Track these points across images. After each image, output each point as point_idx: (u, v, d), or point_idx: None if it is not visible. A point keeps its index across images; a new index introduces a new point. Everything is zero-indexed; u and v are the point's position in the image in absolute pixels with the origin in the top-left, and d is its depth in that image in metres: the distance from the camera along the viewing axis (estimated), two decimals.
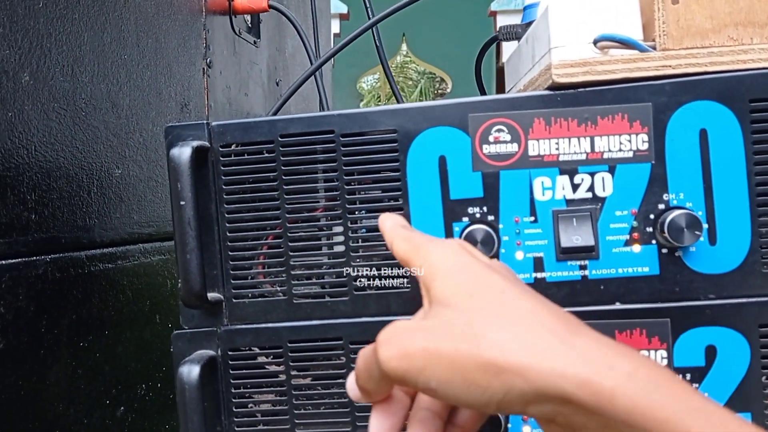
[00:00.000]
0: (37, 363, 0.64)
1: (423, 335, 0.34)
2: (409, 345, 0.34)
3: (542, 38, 0.55)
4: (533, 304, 0.34)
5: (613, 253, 0.50)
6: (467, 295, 0.35)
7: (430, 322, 0.35)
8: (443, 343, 0.33)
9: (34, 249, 0.65)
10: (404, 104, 0.53)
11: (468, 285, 0.35)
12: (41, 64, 0.66)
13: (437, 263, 0.37)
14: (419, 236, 0.41)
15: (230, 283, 0.54)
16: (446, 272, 0.36)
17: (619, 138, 0.50)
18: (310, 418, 0.54)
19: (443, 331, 0.34)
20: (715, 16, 0.50)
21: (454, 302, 0.35)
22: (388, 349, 0.34)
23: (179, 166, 0.50)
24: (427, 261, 0.38)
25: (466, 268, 0.36)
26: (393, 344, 0.34)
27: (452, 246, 0.38)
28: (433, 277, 0.37)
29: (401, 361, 0.34)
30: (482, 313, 0.34)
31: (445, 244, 0.39)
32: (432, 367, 0.33)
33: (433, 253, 0.38)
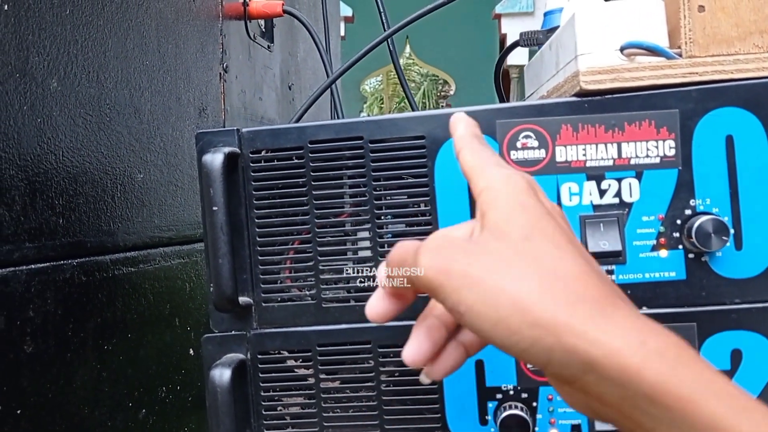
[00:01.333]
0: (64, 367, 0.65)
1: (470, 259, 0.33)
2: (453, 262, 0.33)
3: (568, 45, 0.55)
4: (583, 265, 0.34)
5: (640, 258, 0.51)
6: (523, 236, 0.34)
7: (480, 248, 0.34)
8: (488, 275, 0.33)
9: (62, 253, 0.65)
10: (432, 111, 0.54)
11: (527, 227, 0.34)
12: (68, 70, 0.67)
13: (502, 192, 0.36)
14: (490, 155, 0.40)
15: (260, 287, 0.54)
16: (508, 206, 0.35)
17: (646, 144, 0.50)
18: (338, 421, 0.54)
19: (491, 263, 0.33)
20: (741, 24, 0.51)
21: (508, 239, 0.34)
22: (432, 258, 0.34)
23: (212, 172, 0.51)
24: (492, 186, 0.37)
25: (529, 209, 0.35)
26: (438, 255, 0.34)
27: (521, 182, 0.37)
28: (494, 205, 0.36)
29: (439, 274, 0.34)
30: (533, 260, 0.33)
31: (515, 177, 0.37)
32: (467, 292, 0.33)
33: (501, 180, 0.37)
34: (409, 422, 0.54)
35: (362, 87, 9.91)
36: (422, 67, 10.47)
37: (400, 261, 0.37)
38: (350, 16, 6.10)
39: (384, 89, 13.75)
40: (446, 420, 0.53)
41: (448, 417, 0.53)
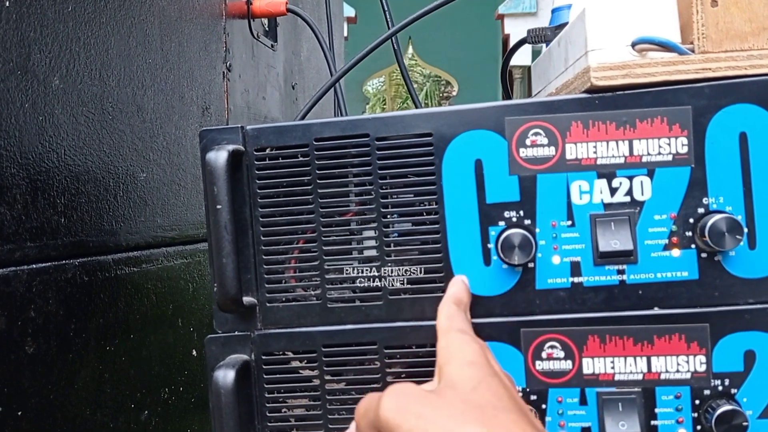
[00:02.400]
0: (66, 367, 0.64)
1: (423, 402, 0.39)
2: (410, 404, 0.39)
3: (578, 41, 0.55)
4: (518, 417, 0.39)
5: (652, 258, 0.50)
6: (471, 387, 0.40)
7: (434, 395, 0.40)
8: (437, 418, 0.38)
9: (64, 253, 0.65)
10: (440, 108, 0.53)
11: (475, 380, 0.40)
12: (70, 68, 0.66)
13: (457, 352, 0.43)
14: (459, 321, 0.47)
15: (264, 287, 0.54)
16: (461, 362, 0.42)
17: (658, 141, 0.50)
18: (343, 423, 0.53)
19: (441, 408, 0.39)
20: (754, 19, 0.50)
21: (459, 388, 0.40)
22: (392, 400, 0.40)
23: (215, 170, 0.50)
24: (450, 345, 0.44)
25: (477, 366, 0.42)
26: (397, 398, 0.40)
27: (474, 345, 0.44)
28: (449, 361, 0.42)
29: (397, 413, 0.39)
30: (477, 408, 0.39)
31: (470, 341, 0.44)
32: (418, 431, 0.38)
33: (458, 342, 0.44)
34: None
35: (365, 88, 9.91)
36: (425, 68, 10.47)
37: (366, 410, 0.42)
38: (353, 16, 6.10)
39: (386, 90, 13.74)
40: None
41: None
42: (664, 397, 0.50)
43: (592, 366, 0.50)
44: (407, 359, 0.53)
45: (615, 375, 0.50)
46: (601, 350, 0.50)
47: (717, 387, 0.49)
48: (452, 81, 9.14)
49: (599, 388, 0.50)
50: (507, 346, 0.52)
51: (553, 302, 0.51)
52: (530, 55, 4.16)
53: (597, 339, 0.50)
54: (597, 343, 0.50)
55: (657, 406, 0.50)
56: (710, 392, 0.49)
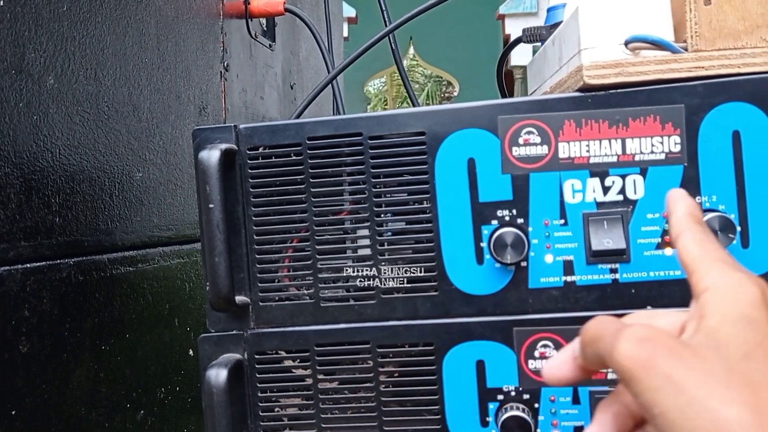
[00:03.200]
0: (61, 367, 0.64)
1: (677, 361, 0.31)
2: (658, 360, 0.31)
3: (571, 40, 0.54)
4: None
5: (645, 257, 0.50)
6: (742, 354, 0.31)
7: (691, 352, 0.31)
8: (693, 386, 0.30)
9: (58, 252, 0.65)
10: (433, 106, 0.53)
11: (749, 344, 0.31)
12: (65, 67, 0.66)
13: (728, 298, 0.33)
14: (717, 248, 0.36)
15: (257, 287, 0.54)
16: (733, 315, 0.32)
17: (651, 140, 0.49)
18: (336, 422, 0.53)
19: (699, 374, 0.31)
20: (748, 17, 0.50)
21: (725, 352, 0.31)
22: (634, 348, 0.32)
23: (208, 169, 0.50)
24: (719, 287, 0.34)
25: (756, 325, 0.32)
26: (642, 346, 0.32)
27: (754, 291, 0.33)
28: (716, 310, 0.33)
29: (640, 368, 0.31)
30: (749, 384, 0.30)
31: (747, 283, 0.34)
32: (665, 396, 0.31)
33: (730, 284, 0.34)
34: (408, 423, 0.53)
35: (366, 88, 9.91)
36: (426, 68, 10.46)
37: (595, 337, 0.34)
38: (353, 17, 6.10)
39: (388, 90, 13.74)
40: (446, 421, 0.52)
41: (448, 418, 0.52)
42: None
43: None
44: (400, 358, 0.53)
45: (608, 374, 0.50)
46: None
47: None
48: (453, 81, 9.12)
49: (592, 387, 0.50)
50: (500, 345, 0.51)
51: (546, 301, 0.51)
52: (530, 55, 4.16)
53: None
54: None
55: None
56: None
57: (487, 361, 0.52)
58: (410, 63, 10.99)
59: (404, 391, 0.53)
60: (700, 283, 0.34)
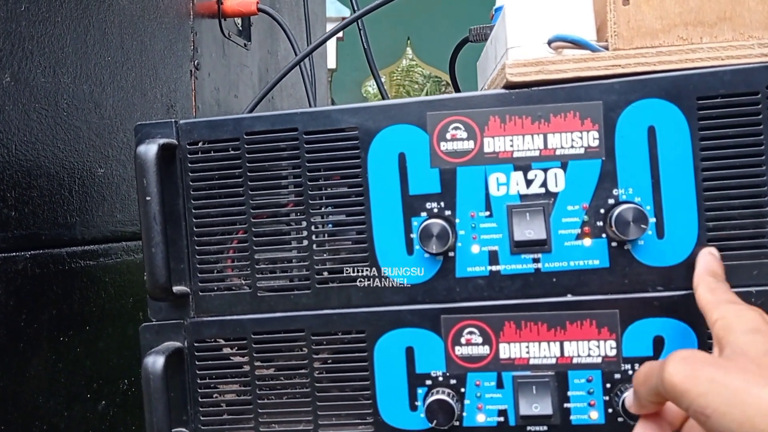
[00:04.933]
0: (17, 356, 0.66)
1: (715, 368, 0.38)
2: (700, 369, 0.38)
3: (501, 39, 0.56)
4: None
5: (565, 247, 0.52)
6: (763, 352, 0.38)
7: (724, 359, 0.39)
8: (734, 380, 0.37)
9: (14, 245, 0.66)
10: (365, 103, 0.55)
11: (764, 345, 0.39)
12: (22, 65, 0.68)
13: (735, 322, 0.41)
14: (724, 291, 0.46)
15: (197, 277, 0.56)
16: (743, 331, 0.40)
17: (571, 135, 0.51)
18: (273, 407, 0.55)
19: (736, 370, 0.37)
20: (665, 17, 0.52)
21: (749, 355, 0.38)
22: (679, 365, 0.39)
23: (145, 163, 0.52)
24: (725, 317, 0.42)
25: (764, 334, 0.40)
26: (685, 363, 0.39)
27: (752, 313, 0.42)
28: (729, 331, 0.41)
29: (687, 380, 0.38)
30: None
31: (746, 310, 0.42)
32: (714, 396, 0.37)
33: (733, 312, 0.42)
34: (341, 408, 0.55)
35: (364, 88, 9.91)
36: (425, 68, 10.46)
37: (646, 377, 0.42)
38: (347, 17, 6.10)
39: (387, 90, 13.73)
40: (377, 406, 0.54)
41: (379, 403, 0.54)
42: (576, 380, 0.51)
43: (509, 351, 0.52)
44: (334, 345, 0.55)
45: (530, 359, 0.52)
46: (516, 336, 0.52)
47: (627, 371, 0.51)
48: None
49: (515, 372, 0.52)
50: (428, 333, 0.53)
51: (473, 290, 0.53)
52: None
53: (513, 325, 0.52)
54: (513, 329, 0.52)
55: (570, 389, 0.52)
56: (620, 376, 0.51)
57: (416, 347, 0.53)
58: (409, 63, 10.98)
59: (338, 377, 0.55)
60: (711, 318, 0.43)
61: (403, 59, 9.79)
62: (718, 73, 0.50)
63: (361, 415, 0.54)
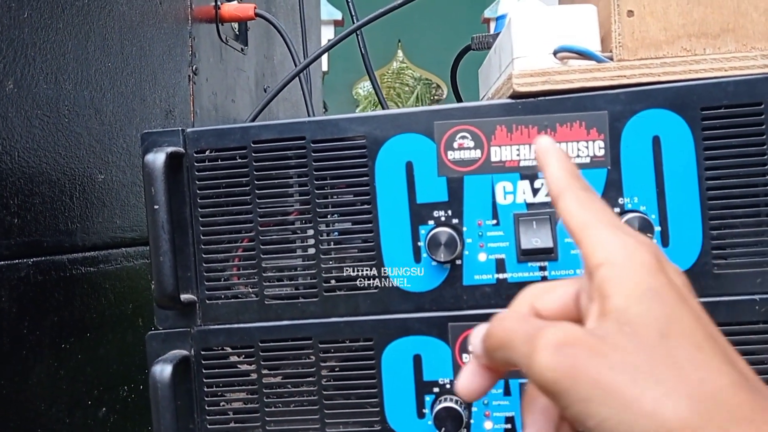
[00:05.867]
0: (20, 363, 0.66)
1: (599, 362, 0.28)
2: (581, 367, 0.28)
3: (506, 48, 0.57)
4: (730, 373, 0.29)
5: (572, 255, 0.52)
6: (659, 333, 0.29)
7: (609, 346, 0.29)
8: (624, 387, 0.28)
9: (17, 252, 0.66)
10: (373, 112, 0.55)
11: (662, 320, 0.29)
12: (25, 72, 0.68)
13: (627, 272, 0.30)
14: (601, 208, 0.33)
15: (204, 285, 0.56)
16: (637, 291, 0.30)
17: (576, 144, 0.52)
18: (280, 415, 0.55)
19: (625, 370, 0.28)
20: (669, 28, 0.52)
21: (641, 336, 0.29)
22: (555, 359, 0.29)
23: (153, 171, 0.52)
24: (614, 261, 0.30)
25: (663, 296, 0.30)
26: (562, 356, 0.29)
27: (649, 257, 0.31)
28: (619, 288, 0.30)
29: (564, 379, 0.28)
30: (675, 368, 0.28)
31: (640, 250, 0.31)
32: (598, 405, 0.28)
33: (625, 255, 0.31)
34: (349, 416, 0.55)
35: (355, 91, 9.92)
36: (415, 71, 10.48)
37: (504, 343, 0.31)
38: (340, 19, 6.11)
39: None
40: (385, 413, 0.54)
41: (386, 410, 0.54)
42: None
43: None
44: (341, 353, 0.55)
45: None
46: None
47: None
48: (441, 84, 9.17)
49: (522, 379, 0.53)
50: (436, 340, 0.54)
51: (480, 297, 0.53)
52: None
53: None
54: None
55: None
56: None
57: (423, 355, 0.54)
58: (400, 65, 11.00)
59: (345, 385, 0.55)
60: (593, 255, 0.31)
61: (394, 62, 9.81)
62: (722, 84, 0.51)
63: (368, 423, 0.55)
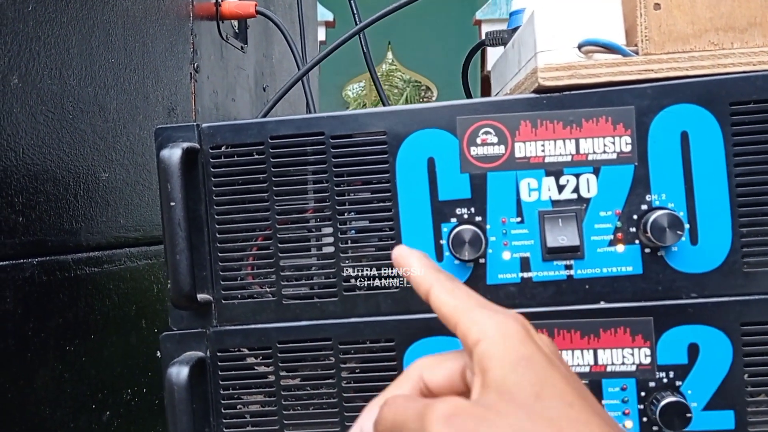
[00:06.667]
0: (25, 366, 0.64)
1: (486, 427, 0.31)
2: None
3: (528, 43, 0.56)
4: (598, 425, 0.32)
5: (598, 253, 0.51)
6: (534, 395, 0.32)
7: (493, 414, 0.32)
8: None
9: (21, 252, 0.64)
10: (394, 107, 0.54)
11: (536, 384, 0.33)
12: (30, 66, 0.66)
13: (499, 345, 0.34)
14: (467, 293, 0.38)
15: (219, 284, 0.54)
16: (511, 361, 0.33)
17: (603, 140, 0.51)
18: (299, 418, 0.54)
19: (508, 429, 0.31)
20: (696, 22, 0.51)
21: (518, 401, 0.32)
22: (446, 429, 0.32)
23: (169, 167, 0.51)
24: (487, 337, 0.35)
25: (533, 363, 0.34)
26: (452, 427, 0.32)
27: (517, 328, 0.35)
28: (494, 361, 0.34)
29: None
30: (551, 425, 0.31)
31: (508, 323, 0.35)
32: None
33: (495, 330, 0.35)
34: None
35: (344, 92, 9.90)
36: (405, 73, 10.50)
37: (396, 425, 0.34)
38: (331, 20, 6.10)
39: (367, 95, 13.75)
40: None
41: None
42: (610, 389, 0.51)
43: None
44: (362, 354, 0.54)
45: None
46: None
47: (662, 379, 0.51)
48: (431, 86, 9.17)
49: None
50: (459, 341, 0.52)
51: (504, 297, 0.52)
52: None
53: (546, 332, 0.51)
54: None
55: (603, 398, 0.51)
56: (655, 384, 0.51)
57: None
58: (389, 68, 11.00)
59: (366, 387, 0.53)
60: (469, 335, 0.36)
61: (384, 64, 9.81)
62: (751, 78, 0.50)
63: None
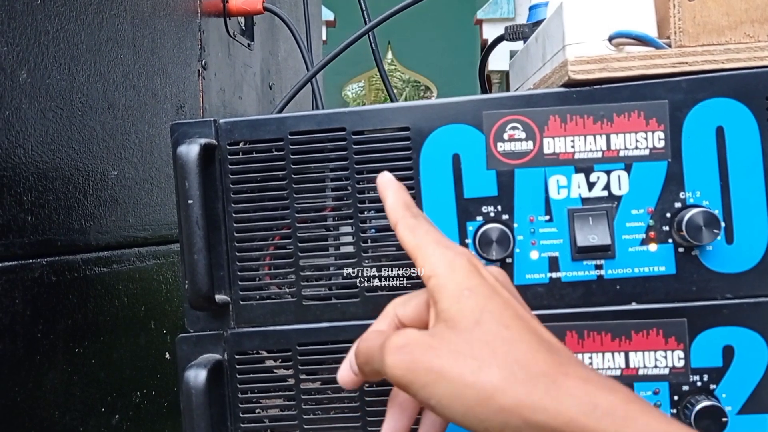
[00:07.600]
0: (34, 369, 0.62)
1: (431, 353, 0.36)
2: (417, 360, 0.36)
3: (555, 36, 0.54)
4: (532, 341, 0.37)
5: (629, 253, 0.49)
6: (474, 321, 0.37)
7: (437, 340, 0.37)
8: (449, 369, 0.35)
9: (30, 251, 0.63)
10: (418, 101, 0.52)
11: (476, 311, 0.37)
12: (38, 61, 0.64)
13: (447, 280, 0.38)
14: (426, 231, 0.41)
15: (237, 285, 0.52)
16: (456, 293, 0.38)
17: (635, 135, 0.49)
18: (319, 423, 0.52)
19: (449, 355, 0.36)
20: (732, 13, 0.50)
21: (460, 327, 0.37)
22: (397, 358, 0.37)
23: (187, 164, 0.49)
24: (437, 273, 0.39)
25: (475, 292, 0.38)
26: (403, 354, 0.37)
27: (463, 263, 0.39)
28: (442, 294, 0.38)
29: (407, 373, 0.36)
30: (487, 346, 0.36)
31: (456, 260, 0.39)
32: (434, 387, 0.36)
33: (444, 266, 0.39)
34: None
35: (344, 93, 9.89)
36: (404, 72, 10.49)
37: (367, 359, 0.39)
38: (332, 20, 6.09)
39: (366, 95, 13.74)
40: None
41: None
42: (642, 392, 0.49)
43: None
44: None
45: None
46: (579, 346, 0.50)
47: (696, 383, 0.49)
48: (431, 86, 9.16)
49: None
50: None
51: (531, 298, 0.50)
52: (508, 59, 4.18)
53: (575, 334, 0.50)
54: (575, 339, 0.50)
55: None
56: (689, 388, 0.49)
57: None
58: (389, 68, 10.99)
59: (387, 391, 0.51)
60: (423, 270, 0.40)
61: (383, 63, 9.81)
62: None
63: (412, 430, 0.51)
